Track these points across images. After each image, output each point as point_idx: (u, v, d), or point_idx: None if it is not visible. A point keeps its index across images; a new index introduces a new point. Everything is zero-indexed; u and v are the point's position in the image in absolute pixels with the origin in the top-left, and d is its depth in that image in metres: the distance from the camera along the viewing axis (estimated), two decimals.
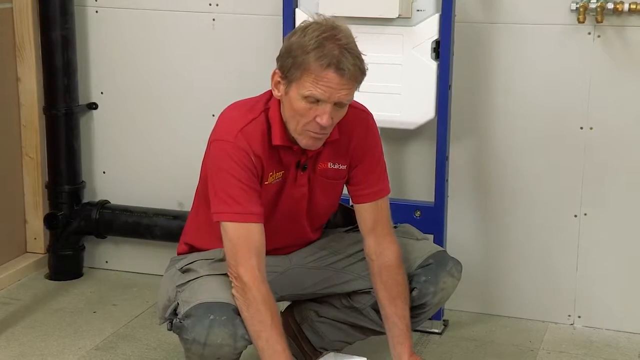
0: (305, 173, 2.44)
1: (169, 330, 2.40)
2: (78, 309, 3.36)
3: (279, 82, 2.30)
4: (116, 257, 3.74)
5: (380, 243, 2.47)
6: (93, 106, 3.64)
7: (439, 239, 3.03)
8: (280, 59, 2.28)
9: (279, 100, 2.34)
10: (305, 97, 2.23)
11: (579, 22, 2.96)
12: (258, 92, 2.44)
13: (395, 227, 2.61)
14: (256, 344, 2.26)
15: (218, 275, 2.38)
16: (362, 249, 2.53)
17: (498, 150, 3.21)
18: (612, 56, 3.03)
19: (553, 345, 3.10)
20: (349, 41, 2.24)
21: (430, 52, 2.94)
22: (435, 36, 2.93)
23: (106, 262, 3.76)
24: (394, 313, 2.45)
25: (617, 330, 3.19)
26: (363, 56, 2.26)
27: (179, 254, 2.59)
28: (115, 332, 3.17)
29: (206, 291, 2.33)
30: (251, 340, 2.27)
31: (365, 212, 2.49)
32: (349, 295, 2.65)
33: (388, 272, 2.46)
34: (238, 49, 3.40)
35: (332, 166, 2.46)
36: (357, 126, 2.45)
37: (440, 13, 2.91)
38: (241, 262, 2.27)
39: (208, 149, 2.38)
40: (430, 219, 3.05)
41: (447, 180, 3.07)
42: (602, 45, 3.02)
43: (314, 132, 2.29)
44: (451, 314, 3.28)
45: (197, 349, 2.27)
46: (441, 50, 2.93)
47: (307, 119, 2.26)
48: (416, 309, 2.52)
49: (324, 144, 2.37)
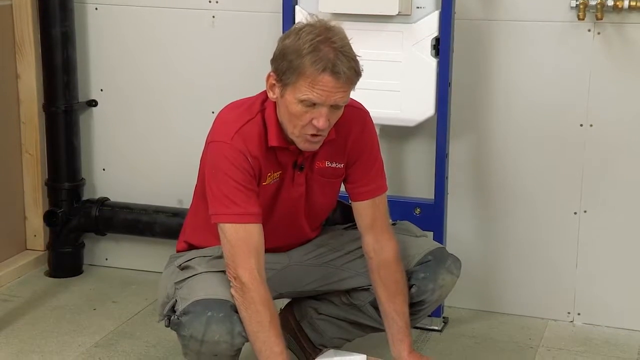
0: (302, 173, 2.44)
1: (166, 326, 2.39)
2: (78, 306, 3.36)
3: (274, 84, 2.29)
4: (116, 254, 3.74)
5: (378, 240, 2.47)
6: (93, 103, 3.64)
7: (439, 236, 3.02)
8: (275, 62, 2.27)
9: (275, 102, 2.34)
10: (301, 101, 2.23)
11: (578, 19, 2.96)
12: (258, 89, 2.43)
13: (394, 224, 2.62)
14: (254, 344, 2.26)
15: (216, 272, 2.38)
16: (361, 246, 2.53)
17: (498, 147, 3.21)
18: (612, 53, 3.02)
19: (553, 342, 3.10)
20: (344, 43, 2.23)
21: (430, 49, 2.94)
22: (435, 33, 2.92)
23: (106, 259, 3.76)
24: (393, 310, 2.45)
25: (616, 327, 3.18)
26: (358, 57, 2.25)
27: (178, 252, 2.59)
28: (115, 329, 3.17)
29: (204, 288, 2.33)
30: (247, 335, 2.27)
31: (363, 210, 2.48)
32: (348, 292, 2.65)
33: (386, 270, 2.46)
34: (238, 46, 3.40)
35: (329, 165, 2.46)
36: (354, 124, 2.44)
37: (440, 10, 2.90)
38: (240, 263, 2.27)
39: (205, 150, 2.38)
40: (430, 216, 3.05)
41: (446, 177, 3.07)
42: (602, 43, 3.02)
43: (311, 135, 2.28)
44: (451, 311, 3.28)
45: (195, 345, 2.28)
46: (441, 47, 2.93)
47: (303, 122, 2.25)
48: (415, 306, 2.52)
49: (322, 143, 2.36)
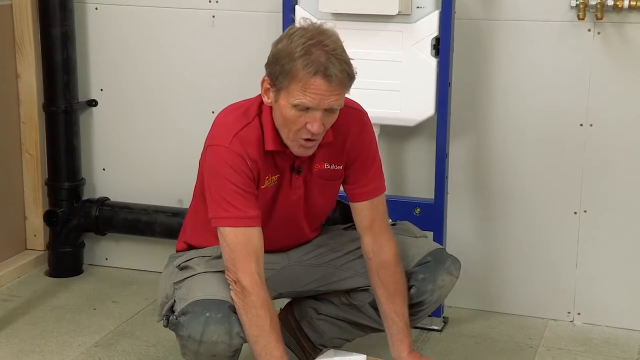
0: (300, 176, 2.43)
1: (165, 327, 2.40)
2: (78, 306, 3.36)
3: (268, 89, 2.29)
4: (116, 254, 3.74)
5: (377, 241, 2.47)
6: (93, 103, 3.64)
7: (439, 236, 3.02)
8: (268, 66, 2.26)
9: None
10: (294, 106, 2.22)
11: (578, 19, 2.96)
12: (258, 89, 2.42)
13: (393, 224, 2.62)
14: (254, 348, 2.26)
15: (215, 272, 2.38)
16: (360, 247, 2.52)
17: (498, 147, 3.21)
18: (612, 53, 3.02)
19: (553, 342, 3.10)
20: (336, 47, 2.21)
21: (430, 49, 2.94)
22: (435, 33, 2.92)
23: (106, 259, 3.76)
24: (393, 311, 2.45)
25: (616, 327, 3.19)
26: (351, 60, 2.24)
27: (177, 252, 2.58)
28: (115, 329, 3.17)
29: (202, 288, 2.33)
30: (247, 340, 2.27)
31: (361, 211, 2.48)
32: (347, 292, 2.65)
33: (386, 270, 2.46)
34: (238, 46, 3.40)
35: (328, 167, 2.45)
36: (352, 125, 2.44)
37: (440, 10, 2.90)
38: (240, 267, 2.27)
39: (204, 153, 2.38)
40: (430, 216, 3.05)
41: (446, 177, 3.07)
42: (602, 42, 3.02)
43: (305, 140, 2.27)
44: (451, 310, 3.29)
45: (193, 345, 2.28)
46: (441, 47, 2.93)
47: (297, 126, 2.25)
48: (414, 307, 2.52)
49: (319, 146, 2.35)
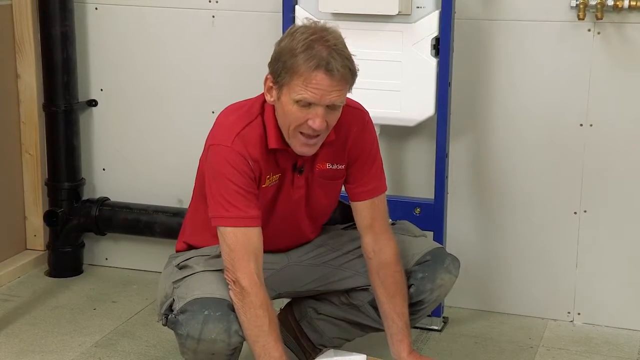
0: (302, 175, 2.43)
1: (164, 325, 2.40)
2: (78, 306, 3.36)
3: (271, 87, 2.29)
4: (116, 254, 3.74)
5: (377, 241, 2.47)
6: (93, 103, 3.64)
7: (439, 236, 3.02)
8: (271, 64, 2.27)
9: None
10: (296, 102, 2.23)
11: (578, 19, 2.96)
12: (258, 89, 2.43)
13: (393, 223, 2.62)
14: (253, 348, 2.27)
15: (214, 271, 2.38)
16: (361, 246, 2.52)
17: (498, 146, 3.21)
18: (612, 53, 3.02)
19: (552, 342, 3.10)
20: (338, 42, 2.22)
21: (430, 49, 2.94)
22: (435, 33, 2.92)
23: (106, 259, 3.76)
24: (393, 310, 2.45)
25: (616, 327, 3.18)
26: (353, 57, 2.24)
27: (177, 252, 2.58)
28: (115, 329, 3.17)
29: (201, 287, 2.33)
30: (246, 339, 2.27)
31: (362, 210, 2.48)
32: (347, 292, 2.65)
33: (386, 270, 2.46)
34: (238, 46, 3.40)
35: (330, 167, 2.45)
36: (354, 125, 2.44)
37: (440, 10, 2.90)
38: (239, 267, 2.27)
39: (205, 153, 2.38)
40: (430, 216, 3.05)
41: (446, 177, 3.07)
42: (602, 42, 3.02)
43: (306, 137, 2.28)
44: (451, 310, 3.29)
45: (191, 344, 2.28)
46: (441, 47, 2.93)
47: (299, 122, 2.25)
48: (414, 306, 2.52)
49: (321, 145, 2.35)
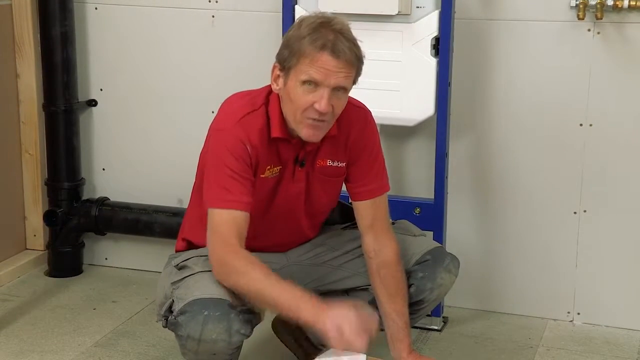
0: (303, 169, 2.44)
1: (164, 327, 2.40)
2: (78, 306, 3.36)
3: (278, 75, 2.31)
4: (116, 253, 3.74)
5: (378, 240, 2.47)
6: (92, 103, 3.64)
7: (439, 236, 3.02)
8: (279, 53, 2.31)
9: (278, 95, 2.35)
10: (303, 83, 2.24)
11: (578, 18, 2.96)
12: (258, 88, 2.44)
13: (392, 223, 2.61)
14: (267, 301, 2.22)
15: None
16: (360, 246, 2.53)
17: (497, 146, 3.21)
18: (612, 53, 3.02)
19: (552, 342, 3.10)
20: (344, 27, 2.26)
21: (429, 48, 2.94)
22: (435, 33, 2.92)
23: (106, 259, 3.76)
24: (393, 310, 2.45)
25: (616, 327, 3.18)
26: (359, 42, 2.27)
27: (177, 251, 2.59)
28: (115, 328, 3.17)
29: (200, 287, 2.33)
30: (247, 334, 2.27)
31: (363, 210, 2.48)
32: (346, 292, 2.65)
33: (387, 270, 2.46)
34: (237, 46, 3.40)
35: (331, 164, 2.46)
36: (355, 123, 2.45)
37: (440, 10, 2.90)
38: (222, 243, 2.25)
39: (207, 138, 2.40)
40: (429, 215, 3.05)
41: (446, 177, 3.07)
42: (601, 42, 3.02)
43: (312, 120, 2.28)
44: (451, 310, 3.28)
45: (192, 345, 2.28)
46: (441, 47, 2.93)
47: (305, 105, 2.26)
48: (414, 306, 2.52)
49: (323, 139, 2.37)
